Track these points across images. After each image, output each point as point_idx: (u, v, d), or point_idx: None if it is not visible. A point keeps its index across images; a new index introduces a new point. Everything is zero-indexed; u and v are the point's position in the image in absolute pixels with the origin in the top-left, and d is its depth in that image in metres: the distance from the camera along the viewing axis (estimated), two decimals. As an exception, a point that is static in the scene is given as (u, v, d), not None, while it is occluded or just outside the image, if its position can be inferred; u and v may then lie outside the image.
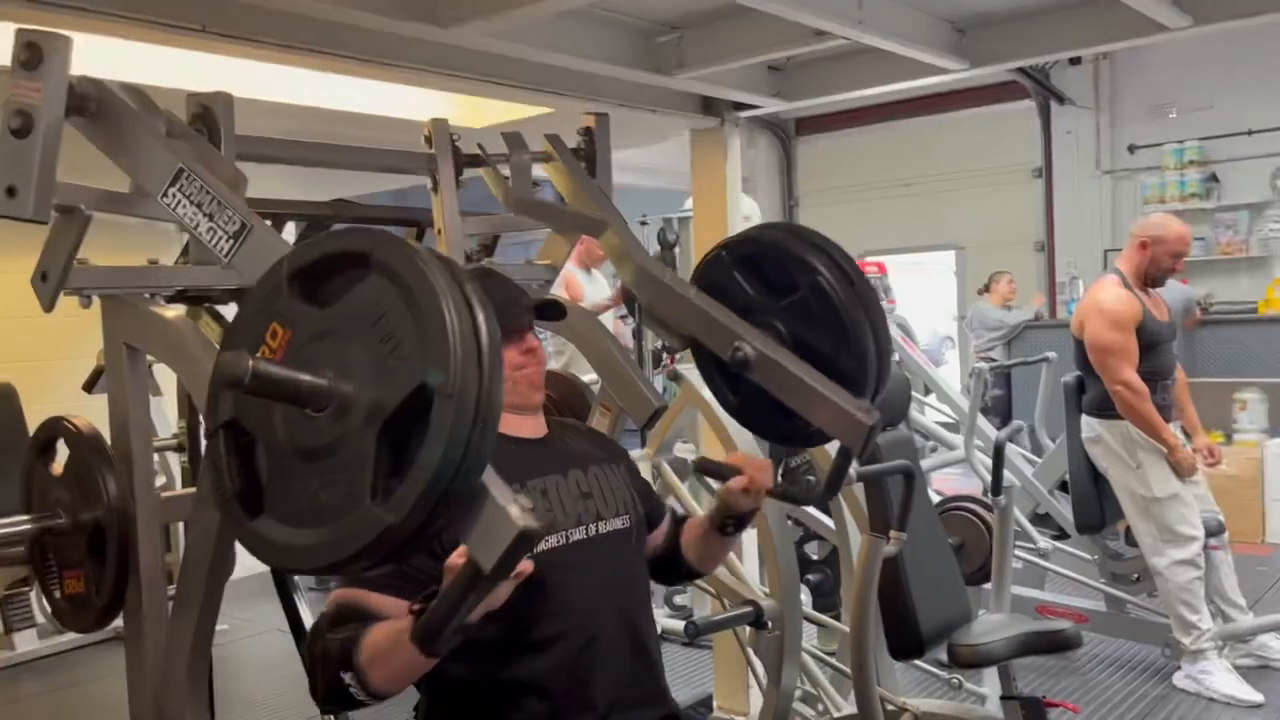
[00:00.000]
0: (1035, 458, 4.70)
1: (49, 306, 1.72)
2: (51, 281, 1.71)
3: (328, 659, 1.40)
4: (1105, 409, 3.94)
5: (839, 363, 1.72)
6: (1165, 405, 3.94)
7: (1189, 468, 3.85)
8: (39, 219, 1.60)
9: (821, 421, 1.68)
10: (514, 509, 1.12)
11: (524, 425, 1.72)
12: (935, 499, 3.97)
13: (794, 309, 1.78)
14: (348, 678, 1.37)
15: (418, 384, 1.09)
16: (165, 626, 1.83)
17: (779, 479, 4.50)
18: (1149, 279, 3.97)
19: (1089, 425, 4.02)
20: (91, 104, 1.65)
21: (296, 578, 2.82)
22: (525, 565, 1.26)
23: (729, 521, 1.83)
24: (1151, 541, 3.85)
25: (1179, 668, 3.91)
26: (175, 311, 1.84)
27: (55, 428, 1.80)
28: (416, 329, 1.11)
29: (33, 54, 1.58)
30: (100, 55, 2.34)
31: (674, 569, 1.96)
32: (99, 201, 1.73)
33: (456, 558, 1.23)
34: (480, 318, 1.12)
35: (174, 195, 1.61)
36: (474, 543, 1.15)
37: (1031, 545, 4.14)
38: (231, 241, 1.56)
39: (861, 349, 1.72)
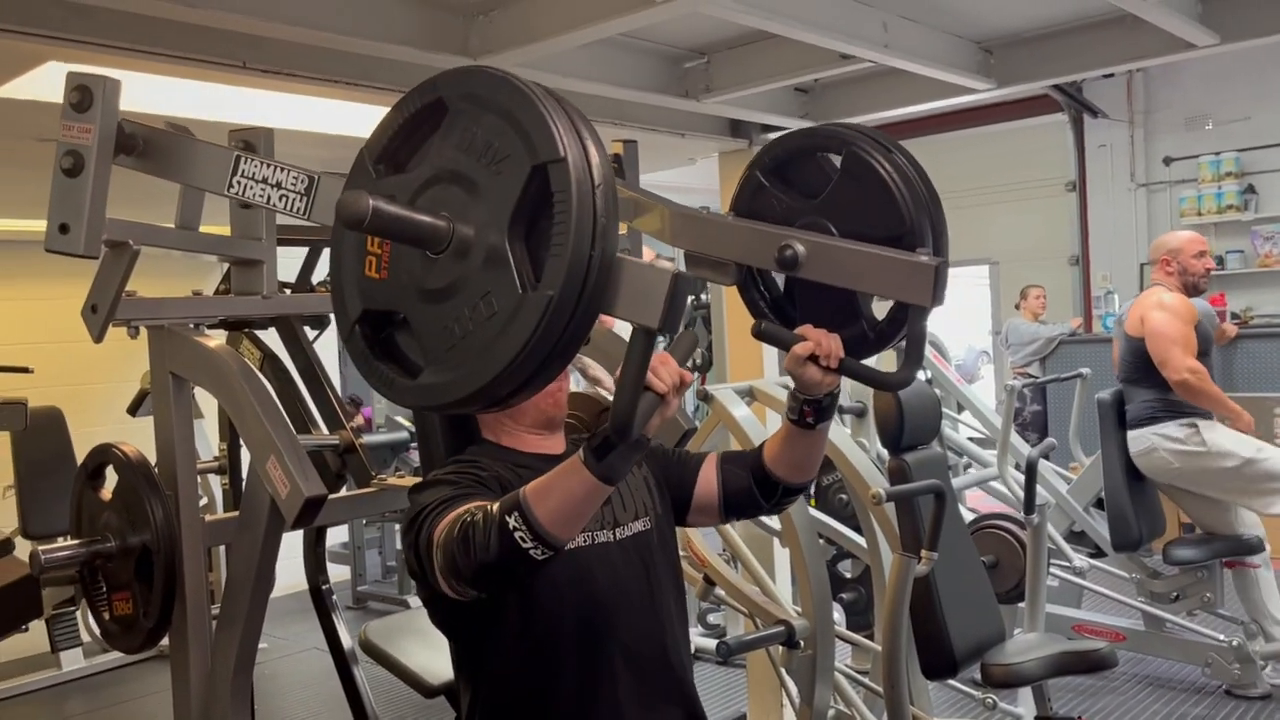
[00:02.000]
0: (1070, 475, 4.66)
1: (99, 338, 1.78)
2: (101, 313, 1.77)
3: (487, 519, 1.32)
4: (1156, 415, 3.93)
5: (888, 228, 1.57)
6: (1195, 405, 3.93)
7: (1249, 424, 3.92)
8: (89, 254, 1.66)
9: (883, 288, 1.53)
10: (659, 262, 1.15)
11: (544, 443, 1.75)
12: (969, 516, 3.95)
13: (834, 197, 1.64)
14: (513, 520, 1.29)
15: (530, 169, 1.13)
16: (209, 646, 1.88)
17: (810, 497, 4.50)
18: (1189, 289, 4.01)
19: (1139, 439, 3.98)
20: (140, 143, 1.71)
21: (334, 596, 2.87)
22: (687, 375, 1.28)
23: (807, 408, 1.64)
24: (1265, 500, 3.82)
25: (1220, 686, 3.86)
26: (218, 340, 1.89)
27: (105, 454, 1.86)
28: (511, 125, 1.15)
29: (83, 96, 1.64)
30: (143, 90, 2.42)
31: (766, 492, 1.78)
32: (147, 236, 1.79)
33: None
34: (559, 98, 1.15)
35: (239, 182, 1.66)
36: (632, 308, 1.16)
37: (1067, 564, 4.11)
38: (305, 199, 1.60)
39: (908, 205, 1.56)
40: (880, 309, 1.65)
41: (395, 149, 1.26)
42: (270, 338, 2.89)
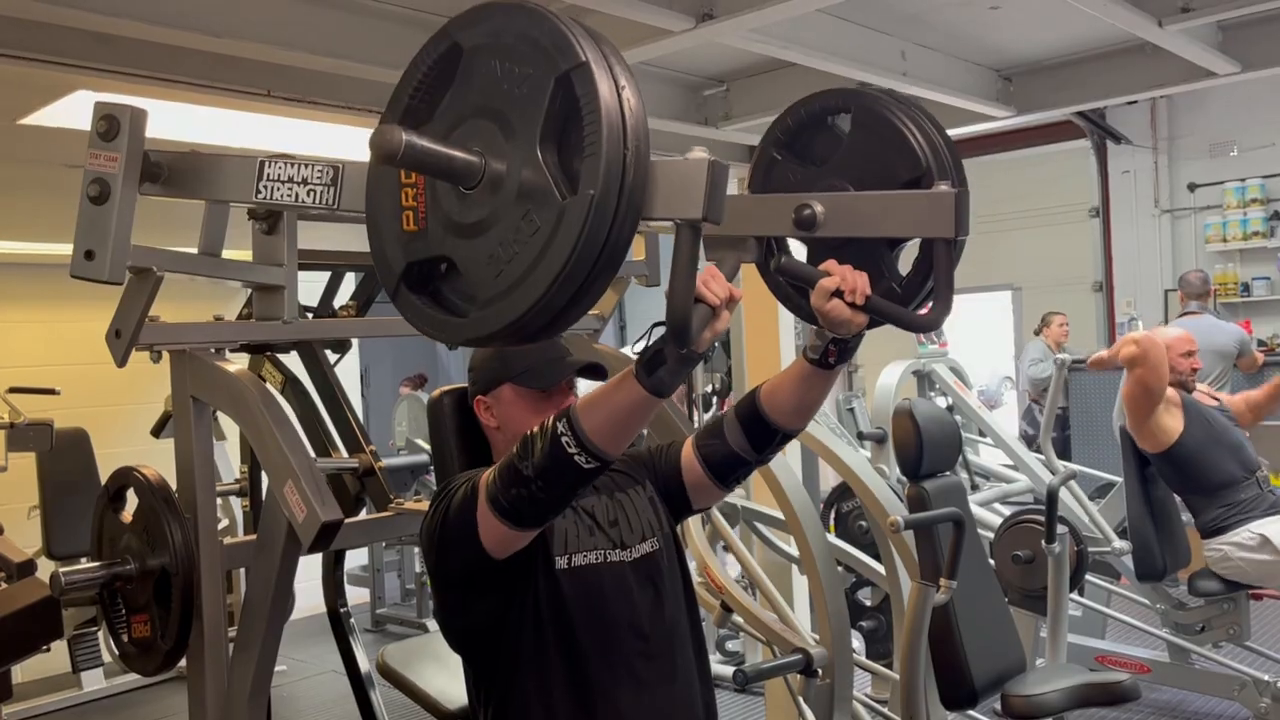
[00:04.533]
0: (1114, 476, 4.59)
1: (122, 362, 1.80)
2: (124, 338, 1.79)
3: (543, 428, 1.37)
4: (1221, 526, 3.84)
5: (906, 171, 1.55)
6: (1258, 498, 3.84)
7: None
8: (114, 281, 1.68)
9: (905, 226, 1.49)
10: (692, 153, 1.14)
11: None
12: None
13: (848, 155, 1.62)
14: (561, 425, 1.35)
15: (553, 81, 1.13)
16: (226, 668, 1.88)
17: (830, 524, 4.46)
18: (1176, 384, 3.96)
19: (1212, 548, 3.91)
20: (164, 170, 1.74)
21: (353, 620, 2.88)
22: (736, 290, 1.26)
23: (832, 347, 1.58)
24: None
25: (1248, 719, 3.79)
26: (239, 365, 1.91)
27: (126, 477, 1.88)
28: (528, 46, 1.15)
29: (110, 125, 1.67)
30: (168, 119, 2.46)
31: (761, 441, 1.72)
32: (170, 262, 1.82)
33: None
34: (574, 17, 1.16)
35: (266, 186, 1.66)
36: (673, 203, 1.15)
37: (1108, 548, 4.03)
38: (333, 189, 1.59)
39: (922, 146, 1.54)
40: (905, 267, 1.59)
41: (417, 106, 1.26)
42: (292, 361, 2.91)
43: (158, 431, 4.92)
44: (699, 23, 2.31)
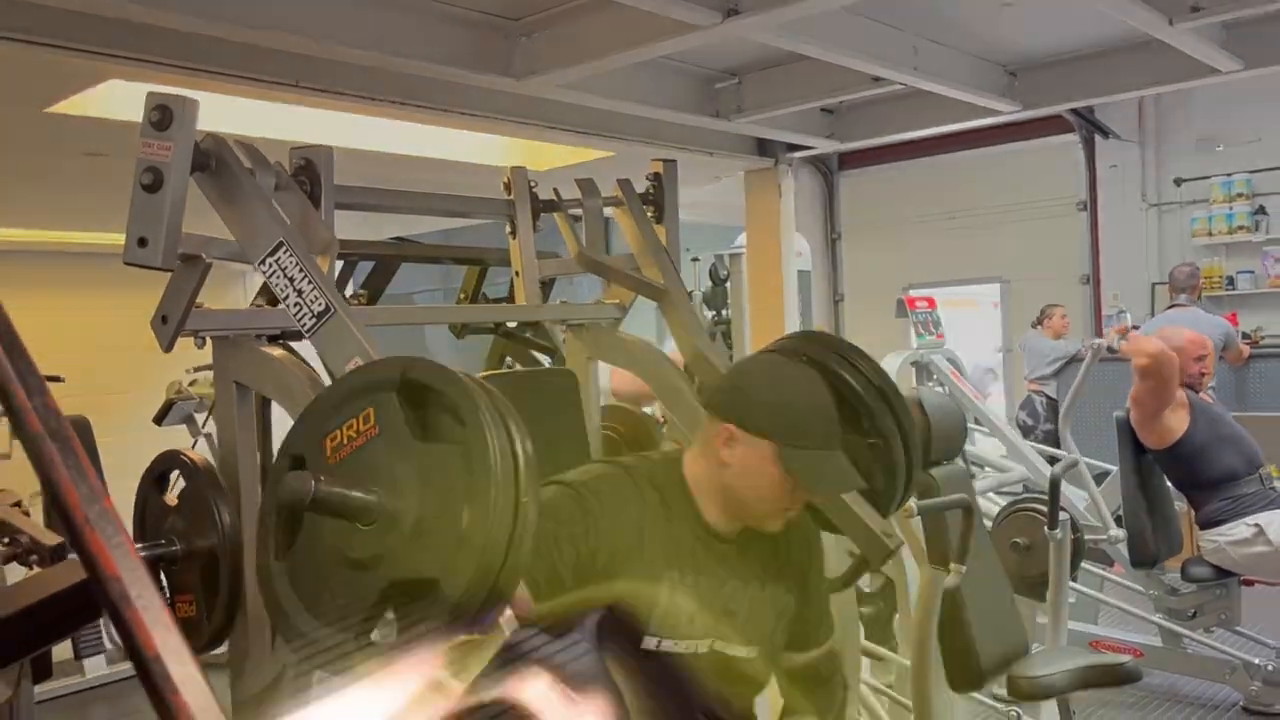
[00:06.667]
0: (1108, 465, 4.67)
1: (168, 347, 1.83)
2: (171, 324, 1.82)
3: None
4: (1220, 518, 3.93)
5: (873, 474, 1.88)
6: (1259, 494, 3.91)
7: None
8: (166, 267, 1.72)
9: (850, 534, 1.89)
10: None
11: (723, 520, 1.65)
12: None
13: (850, 438, 1.90)
14: None
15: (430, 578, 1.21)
16: (269, 649, 1.92)
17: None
18: (1185, 384, 4.05)
19: (1207, 539, 4.00)
20: (212, 160, 1.77)
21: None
22: None
23: None
24: None
25: (1238, 703, 3.89)
26: (281, 350, 1.95)
27: (172, 460, 1.91)
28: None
29: (163, 115, 1.70)
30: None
31: None
32: (219, 249, 1.85)
33: None
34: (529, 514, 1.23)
35: (271, 264, 1.73)
36: None
37: (1103, 535, 4.12)
38: (314, 320, 1.69)
39: (892, 462, 1.90)
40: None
41: (423, 395, 1.33)
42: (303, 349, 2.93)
43: (160, 419, 4.93)
44: (725, 18, 2.35)
